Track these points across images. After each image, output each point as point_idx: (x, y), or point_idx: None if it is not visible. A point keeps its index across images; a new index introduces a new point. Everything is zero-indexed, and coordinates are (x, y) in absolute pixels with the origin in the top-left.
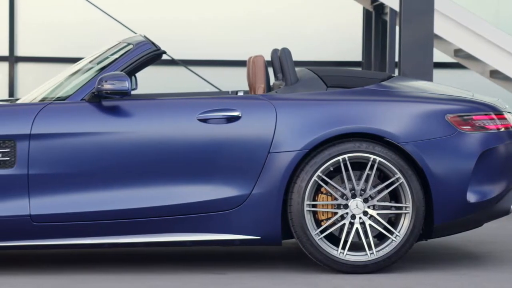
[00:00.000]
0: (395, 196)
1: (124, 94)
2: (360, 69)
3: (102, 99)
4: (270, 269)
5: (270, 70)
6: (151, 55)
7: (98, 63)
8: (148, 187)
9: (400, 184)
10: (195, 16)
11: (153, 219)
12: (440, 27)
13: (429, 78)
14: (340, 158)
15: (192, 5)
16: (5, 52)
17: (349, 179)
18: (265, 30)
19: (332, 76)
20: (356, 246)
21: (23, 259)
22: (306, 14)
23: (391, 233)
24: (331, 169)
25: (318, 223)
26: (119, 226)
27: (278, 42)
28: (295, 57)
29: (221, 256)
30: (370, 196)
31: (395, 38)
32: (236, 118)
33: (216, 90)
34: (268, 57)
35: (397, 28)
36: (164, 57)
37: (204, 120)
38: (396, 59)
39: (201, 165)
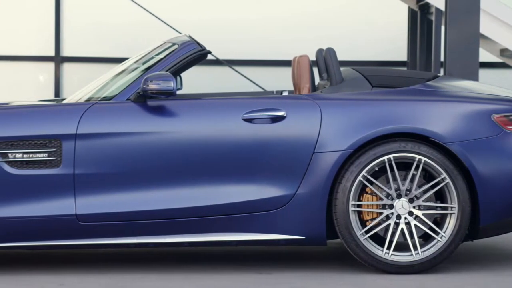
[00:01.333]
0: (440, 196)
1: (169, 94)
2: (405, 69)
3: (148, 99)
4: (315, 269)
5: (315, 70)
6: (196, 55)
7: (143, 63)
8: (194, 187)
9: (445, 184)
10: (241, 16)
11: (198, 218)
12: (486, 26)
13: (475, 78)
14: (385, 158)
15: (238, 5)
16: (51, 53)
17: (394, 179)
18: (310, 30)
19: (377, 76)
20: (401, 247)
21: (69, 258)
22: (351, 14)
23: (437, 233)
24: (376, 169)
25: (363, 223)
26: (164, 225)
27: (323, 41)
28: (340, 57)
29: (263, 256)
30: (415, 196)
31: (440, 38)
32: (281, 118)
33: (261, 90)
34: (313, 57)
35: (443, 27)
36: (209, 57)
37: (249, 120)
38: (442, 59)
39: (246, 165)
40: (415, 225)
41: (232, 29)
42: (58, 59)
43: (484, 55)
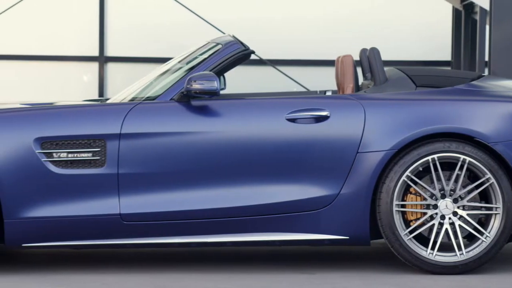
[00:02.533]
0: (485, 196)
1: (213, 94)
2: (449, 68)
3: (191, 99)
4: (358, 269)
5: (359, 70)
6: (240, 55)
7: (187, 63)
8: (237, 187)
9: (490, 184)
10: (284, 15)
11: (241, 218)
12: None
13: None
14: (429, 158)
15: (281, 5)
16: (95, 53)
17: (439, 179)
18: (353, 29)
19: (421, 76)
20: (446, 247)
21: (112, 257)
22: (395, 13)
23: (481, 233)
24: (420, 169)
25: (407, 223)
26: (207, 225)
27: (367, 41)
28: (384, 57)
29: (306, 256)
30: (459, 196)
31: (485, 37)
32: (325, 118)
33: (304, 90)
34: (356, 57)
35: (487, 27)
36: (253, 56)
37: (293, 120)
38: (486, 59)
39: (289, 165)
40: (459, 225)
41: (275, 28)
42: (102, 59)
43: None
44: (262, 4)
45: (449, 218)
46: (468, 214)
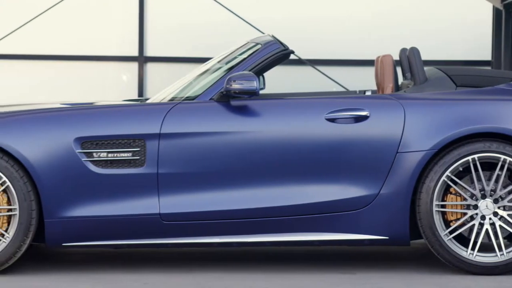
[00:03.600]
0: None
1: (252, 94)
2: (489, 68)
3: (231, 98)
4: (398, 269)
5: (398, 69)
6: (279, 55)
7: (226, 63)
8: (276, 187)
9: None
10: (324, 15)
11: (281, 218)
12: None
13: None
14: (469, 158)
15: (321, 4)
16: (135, 53)
17: (479, 179)
18: (393, 29)
19: (461, 76)
20: (486, 247)
21: (153, 257)
22: (435, 12)
23: None
24: (461, 169)
25: (447, 223)
26: (247, 225)
27: (406, 41)
28: (424, 56)
29: (345, 256)
30: (500, 196)
31: None
32: (364, 118)
33: (344, 89)
34: (396, 56)
35: None
36: (292, 56)
37: (332, 120)
38: None
39: (329, 165)
40: (500, 225)
41: (315, 28)
42: (142, 59)
43: None
44: (302, 4)
45: (490, 219)
46: (508, 215)
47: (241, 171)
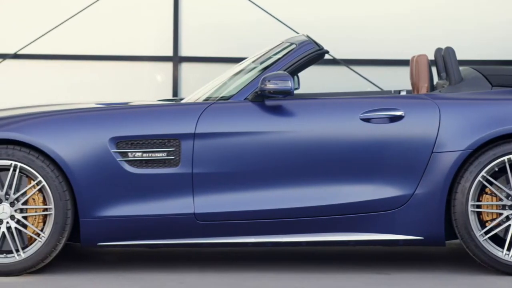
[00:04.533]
0: None
1: (287, 94)
2: None
3: (265, 98)
4: (433, 270)
5: (434, 69)
6: (314, 55)
7: (261, 63)
8: (310, 187)
9: None
10: (358, 14)
11: (316, 218)
12: None
13: None
14: (505, 158)
15: (356, 3)
16: (169, 53)
17: None
18: (428, 28)
19: (497, 75)
20: None
21: (188, 257)
22: (470, 12)
23: None
24: (496, 169)
25: (482, 223)
26: (281, 225)
27: (442, 40)
28: (459, 56)
29: (380, 256)
30: None
31: None
32: (399, 118)
33: (378, 89)
34: (431, 56)
35: None
36: (326, 56)
37: (367, 120)
38: None
39: (363, 165)
40: None
41: (350, 28)
42: (176, 59)
43: None
44: (337, 3)
45: None
46: None
47: (275, 171)
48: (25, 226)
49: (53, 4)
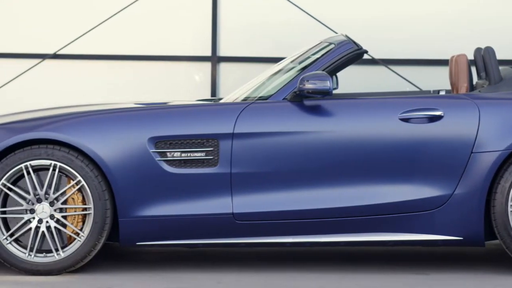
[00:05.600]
0: None
1: (325, 94)
2: None
3: (304, 98)
4: (473, 270)
5: (473, 69)
6: (353, 55)
7: (299, 63)
8: (349, 187)
9: None
10: (397, 14)
11: (354, 218)
12: None
13: None
14: None
15: (394, 3)
16: (208, 53)
17: None
18: (468, 28)
19: None
20: None
21: (226, 256)
22: (510, 11)
23: None
24: None
25: None
26: (320, 225)
27: (482, 40)
28: (499, 56)
29: (418, 256)
30: None
31: None
32: (439, 118)
33: (417, 89)
34: (471, 56)
35: None
36: (365, 56)
37: (406, 120)
38: None
39: (402, 165)
40: None
41: (388, 27)
42: (215, 59)
43: None
44: (375, 2)
45: None
46: None
47: (314, 170)
48: (64, 226)
49: (92, 5)
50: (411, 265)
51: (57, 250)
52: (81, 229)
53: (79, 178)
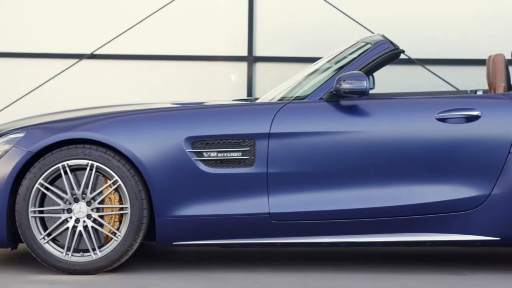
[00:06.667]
0: None
1: (362, 94)
2: None
3: (340, 98)
4: (509, 271)
5: (511, 69)
6: (390, 55)
7: (336, 63)
8: (386, 187)
9: None
10: (433, 13)
11: (391, 218)
12: None
13: None
14: None
15: (431, 2)
16: (244, 53)
17: None
18: (505, 27)
19: None
20: None
21: (263, 256)
22: None
23: None
24: None
25: None
26: (356, 225)
27: None
28: None
29: (454, 257)
30: None
31: None
32: (476, 118)
33: (454, 89)
34: (508, 55)
35: None
36: (401, 56)
37: (443, 120)
38: None
39: (439, 165)
40: None
41: (425, 27)
42: (251, 59)
43: None
44: (412, 2)
45: None
46: None
47: (351, 170)
48: (101, 225)
49: (129, 5)
50: (448, 265)
51: (94, 249)
52: (118, 229)
53: (116, 177)
